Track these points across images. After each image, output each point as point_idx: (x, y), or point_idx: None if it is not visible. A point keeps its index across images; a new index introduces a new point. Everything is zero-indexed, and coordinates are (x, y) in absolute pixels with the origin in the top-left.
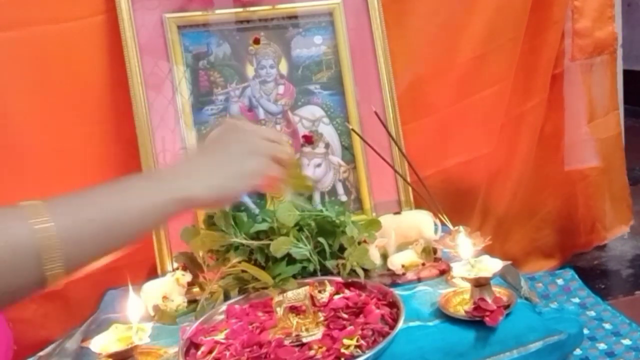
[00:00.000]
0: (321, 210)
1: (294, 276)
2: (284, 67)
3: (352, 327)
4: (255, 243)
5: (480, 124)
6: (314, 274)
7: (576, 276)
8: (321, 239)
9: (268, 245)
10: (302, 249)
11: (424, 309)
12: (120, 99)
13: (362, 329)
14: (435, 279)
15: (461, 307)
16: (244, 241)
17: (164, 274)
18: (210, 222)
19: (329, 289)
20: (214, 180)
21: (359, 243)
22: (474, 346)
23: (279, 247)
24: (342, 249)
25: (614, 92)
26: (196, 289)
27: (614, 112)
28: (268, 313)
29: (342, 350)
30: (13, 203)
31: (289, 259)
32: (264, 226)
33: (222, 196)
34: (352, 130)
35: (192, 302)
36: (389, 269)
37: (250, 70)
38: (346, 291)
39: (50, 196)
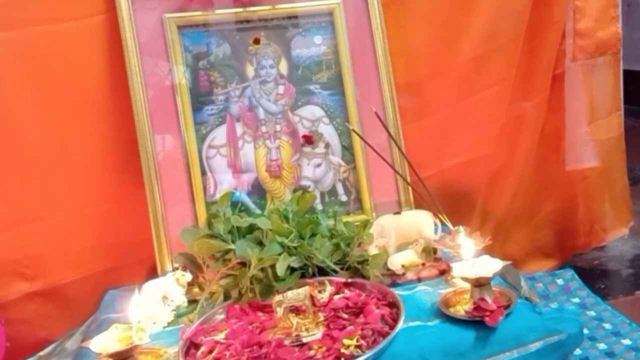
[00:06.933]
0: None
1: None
2: (284, 67)
3: (352, 327)
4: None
5: (480, 125)
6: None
7: (576, 276)
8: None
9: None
10: (298, 258)
11: (424, 309)
12: (120, 99)
13: (362, 329)
14: (435, 279)
15: (461, 307)
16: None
17: (164, 274)
18: (209, 231)
19: (329, 289)
20: None
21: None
22: (474, 346)
23: (282, 265)
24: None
25: (617, 92)
26: (196, 289)
27: (616, 113)
28: (268, 313)
29: (342, 350)
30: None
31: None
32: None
33: None
34: (352, 130)
35: (192, 302)
36: (389, 269)
37: (250, 70)
38: (346, 291)
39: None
